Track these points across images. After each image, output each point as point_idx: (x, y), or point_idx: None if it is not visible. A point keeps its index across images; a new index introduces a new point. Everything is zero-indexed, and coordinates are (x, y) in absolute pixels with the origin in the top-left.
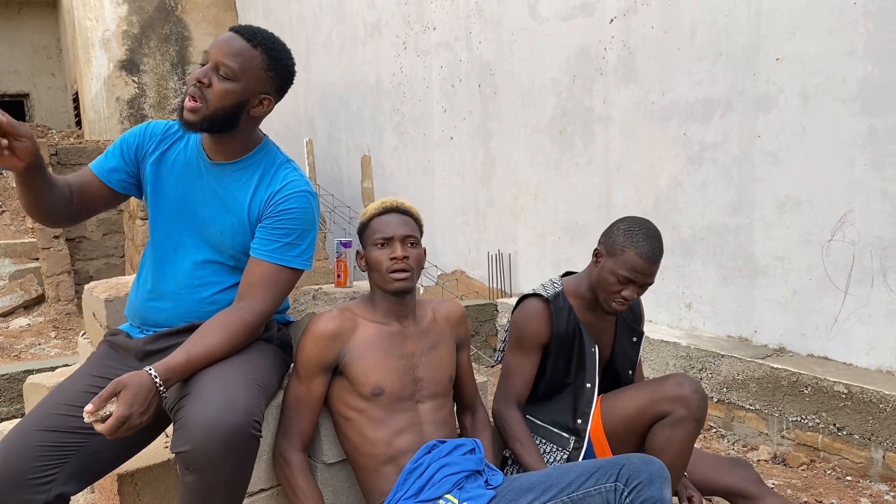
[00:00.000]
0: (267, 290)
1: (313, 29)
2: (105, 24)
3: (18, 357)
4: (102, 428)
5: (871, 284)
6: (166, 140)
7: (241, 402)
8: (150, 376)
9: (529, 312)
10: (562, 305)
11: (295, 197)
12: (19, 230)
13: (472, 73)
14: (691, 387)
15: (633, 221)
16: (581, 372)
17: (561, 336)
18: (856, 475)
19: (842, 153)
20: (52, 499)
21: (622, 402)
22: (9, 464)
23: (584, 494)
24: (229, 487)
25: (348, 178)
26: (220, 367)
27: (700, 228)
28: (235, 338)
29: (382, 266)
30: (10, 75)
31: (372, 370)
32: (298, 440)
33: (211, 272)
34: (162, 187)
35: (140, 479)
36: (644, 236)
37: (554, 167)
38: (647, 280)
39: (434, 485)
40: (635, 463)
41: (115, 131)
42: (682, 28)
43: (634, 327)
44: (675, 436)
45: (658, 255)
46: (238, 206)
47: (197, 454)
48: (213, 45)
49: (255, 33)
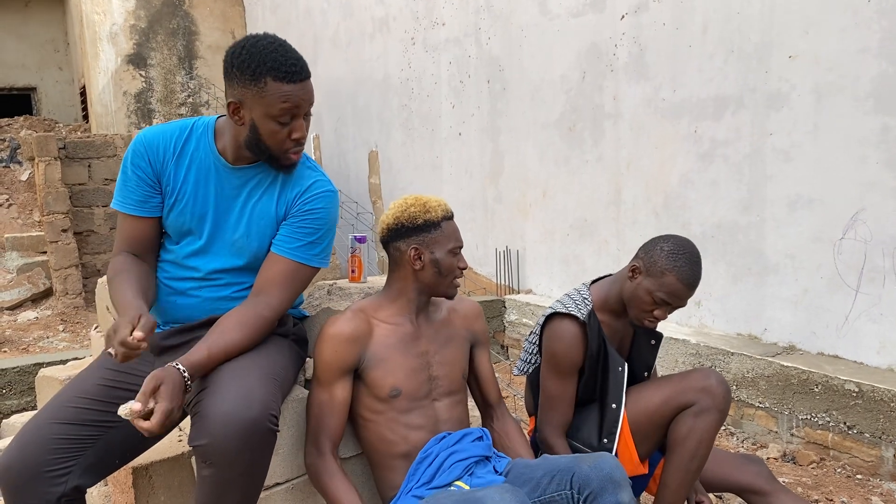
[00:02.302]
0: (285, 287)
1: (321, 24)
2: (113, 18)
3: (27, 350)
4: (148, 425)
5: (883, 283)
6: (172, 147)
7: (258, 397)
8: (179, 371)
9: (565, 337)
10: (593, 325)
11: (321, 197)
12: (26, 224)
13: (481, 68)
14: (717, 379)
15: (677, 243)
16: (607, 390)
17: (592, 356)
18: (866, 474)
19: (854, 151)
20: (69, 491)
21: (647, 394)
22: (26, 455)
23: (549, 499)
24: (246, 481)
25: (355, 173)
26: (237, 361)
27: (710, 226)
28: (253, 334)
29: (452, 273)
30: (18, 69)
31: (389, 372)
32: (328, 446)
33: (232, 271)
34: (183, 193)
35: (154, 473)
36: (687, 261)
37: (563, 164)
38: (682, 304)
39: (444, 472)
40: (584, 470)
41: (122, 125)
42: (693, 24)
43: (653, 329)
44: (697, 425)
45: (698, 281)
46: (264, 207)
47: (214, 448)
48: (300, 96)
49: (305, 65)
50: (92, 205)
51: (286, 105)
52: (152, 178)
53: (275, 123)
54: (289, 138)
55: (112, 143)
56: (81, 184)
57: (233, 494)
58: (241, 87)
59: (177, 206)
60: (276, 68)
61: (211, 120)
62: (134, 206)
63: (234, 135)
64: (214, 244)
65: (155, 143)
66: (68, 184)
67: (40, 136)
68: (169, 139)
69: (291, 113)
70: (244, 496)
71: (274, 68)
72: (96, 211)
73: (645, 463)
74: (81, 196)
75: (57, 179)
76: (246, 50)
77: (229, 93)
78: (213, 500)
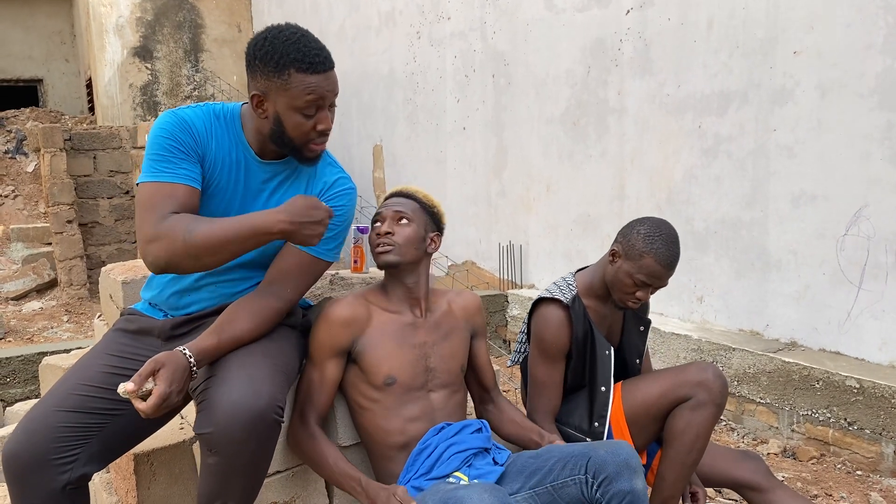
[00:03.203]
0: (299, 280)
1: (327, 18)
2: (119, 11)
3: (31, 340)
4: (144, 406)
5: (886, 280)
6: (209, 129)
7: (266, 388)
8: (185, 356)
9: (550, 321)
10: (578, 309)
11: (344, 194)
12: (32, 215)
13: (486, 63)
14: (714, 372)
15: (653, 225)
16: (595, 374)
17: (578, 340)
18: (866, 469)
19: (858, 147)
20: (75, 479)
21: (644, 387)
22: (32, 444)
23: (562, 484)
24: (249, 470)
25: (360, 167)
26: (245, 351)
27: (713, 221)
28: (263, 324)
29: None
30: (25, 61)
31: (384, 360)
32: (312, 417)
33: (248, 267)
34: (215, 181)
35: (156, 460)
36: (664, 242)
37: (567, 158)
38: (663, 284)
39: (443, 463)
40: (601, 455)
41: (128, 118)
42: (698, 20)
43: (642, 316)
44: (694, 419)
45: (676, 260)
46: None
47: (220, 436)
48: (325, 87)
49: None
50: (97, 196)
51: (311, 97)
52: (199, 152)
53: (300, 116)
54: (314, 130)
55: (117, 135)
56: (87, 175)
57: (236, 483)
58: (264, 80)
59: (207, 191)
60: (300, 59)
61: (236, 108)
62: (182, 175)
63: (258, 127)
64: None
65: (192, 121)
66: (74, 175)
67: (46, 127)
68: (205, 120)
69: (317, 104)
70: (247, 485)
71: (298, 59)
72: (101, 202)
73: (642, 454)
74: (87, 187)
75: (62, 171)
76: (268, 42)
77: (252, 86)
78: (217, 489)
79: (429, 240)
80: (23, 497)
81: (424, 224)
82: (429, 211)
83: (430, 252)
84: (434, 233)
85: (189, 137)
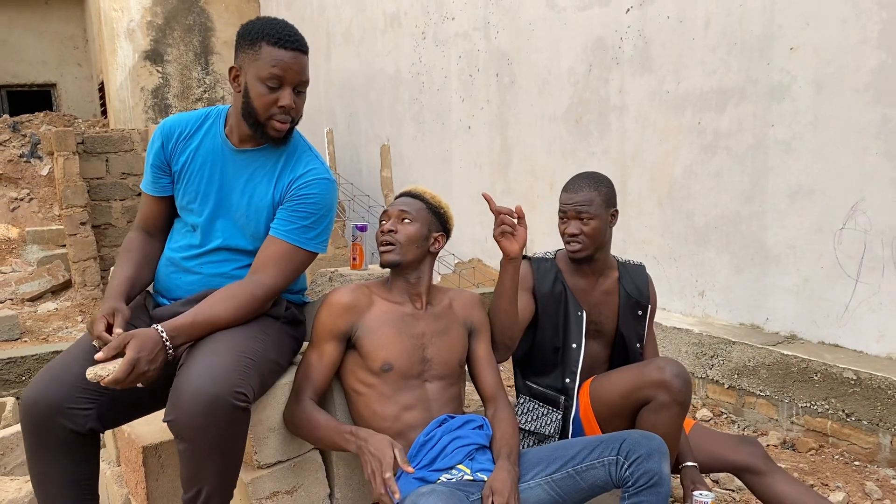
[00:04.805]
0: (279, 268)
1: (334, 20)
2: (130, 15)
3: (46, 340)
4: (111, 379)
5: (882, 273)
6: (185, 130)
7: (222, 373)
8: (157, 331)
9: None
10: (549, 268)
11: (316, 183)
12: (47, 217)
13: (490, 62)
14: (672, 371)
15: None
16: (568, 334)
17: (546, 296)
18: (864, 460)
19: (854, 142)
20: (87, 431)
21: (608, 388)
22: (51, 392)
23: (587, 466)
24: (217, 456)
25: (368, 167)
26: (211, 339)
27: (713, 217)
28: (241, 309)
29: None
30: (38, 66)
31: (382, 346)
32: (307, 394)
33: (232, 250)
34: (189, 172)
35: (164, 452)
36: (574, 177)
37: (570, 156)
38: (570, 209)
39: (446, 455)
40: (636, 438)
41: (140, 121)
42: (696, 17)
43: (638, 300)
44: (659, 420)
45: (573, 188)
46: (263, 190)
47: (181, 423)
48: (289, 64)
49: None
50: (109, 198)
51: (275, 69)
52: (163, 160)
53: (263, 86)
54: (275, 105)
55: (129, 138)
56: (99, 178)
57: (208, 468)
58: (241, 54)
59: (182, 184)
60: (272, 34)
61: (227, 107)
62: (148, 185)
63: (236, 109)
64: (216, 221)
65: (170, 128)
66: (87, 178)
67: (59, 131)
68: (185, 124)
69: (280, 79)
70: (220, 469)
71: (269, 34)
72: (114, 204)
73: None
74: (99, 190)
75: (75, 174)
76: (251, 23)
77: (234, 62)
78: (191, 474)
79: (432, 239)
80: (38, 441)
81: (428, 224)
82: (435, 211)
83: (433, 251)
84: (438, 233)
85: (159, 146)
